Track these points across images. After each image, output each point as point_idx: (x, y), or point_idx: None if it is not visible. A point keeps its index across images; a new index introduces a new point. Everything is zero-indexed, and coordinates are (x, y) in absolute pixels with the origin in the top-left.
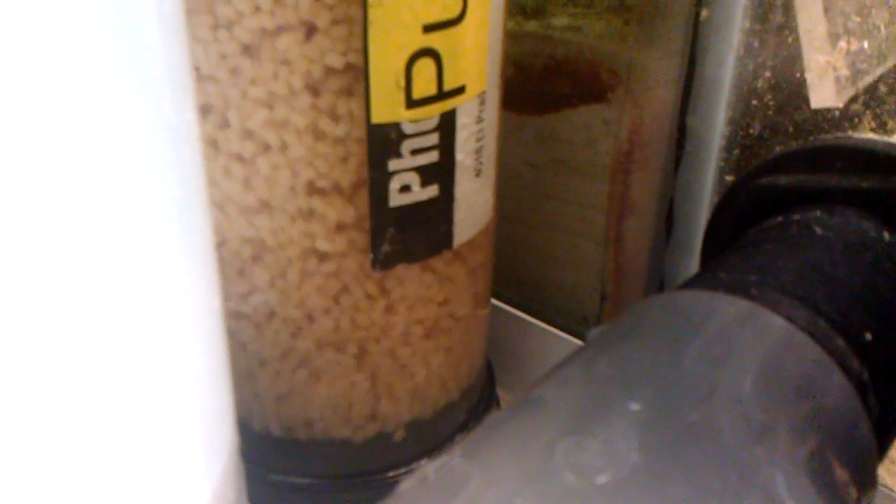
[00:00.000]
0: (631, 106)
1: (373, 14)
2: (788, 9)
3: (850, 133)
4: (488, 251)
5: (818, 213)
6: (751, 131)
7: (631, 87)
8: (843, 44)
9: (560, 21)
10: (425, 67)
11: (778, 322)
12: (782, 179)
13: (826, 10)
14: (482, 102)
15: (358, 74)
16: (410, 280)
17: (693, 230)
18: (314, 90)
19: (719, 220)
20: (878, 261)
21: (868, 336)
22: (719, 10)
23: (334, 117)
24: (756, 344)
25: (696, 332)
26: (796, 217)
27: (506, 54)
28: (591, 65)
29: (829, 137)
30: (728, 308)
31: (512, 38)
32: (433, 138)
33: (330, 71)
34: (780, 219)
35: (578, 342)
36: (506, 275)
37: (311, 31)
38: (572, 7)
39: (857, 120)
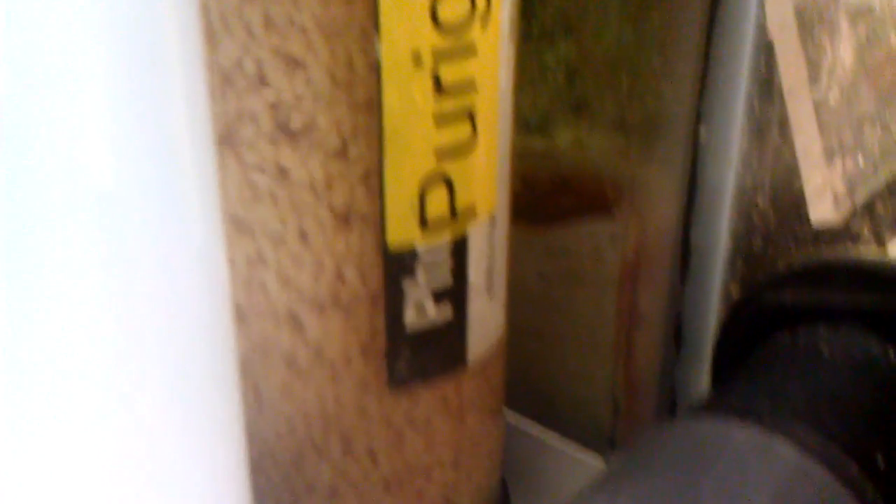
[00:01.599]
0: (636, 220)
1: (388, 142)
2: (784, 126)
3: (850, 248)
4: (500, 365)
5: (824, 331)
6: (753, 244)
7: (635, 202)
8: (838, 162)
9: (564, 137)
10: (438, 192)
11: (790, 452)
12: (787, 297)
13: (821, 129)
14: (493, 222)
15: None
16: (423, 397)
17: (702, 342)
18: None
19: (727, 336)
20: (884, 381)
21: (880, 459)
22: (718, 128)
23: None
24: (770, 475)
25: (712, 465)
26: (803, 335)
27: (513, 169)
28: (595, 180)
29: (830, 254)
30: (741, 437)
31: (518, 153)
32: (446, 260)
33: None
34: (787, 336)
35: (595, 458)
36: (519, 388)
37: (342, 150)
38: (575, 123)
39: (856, 233)
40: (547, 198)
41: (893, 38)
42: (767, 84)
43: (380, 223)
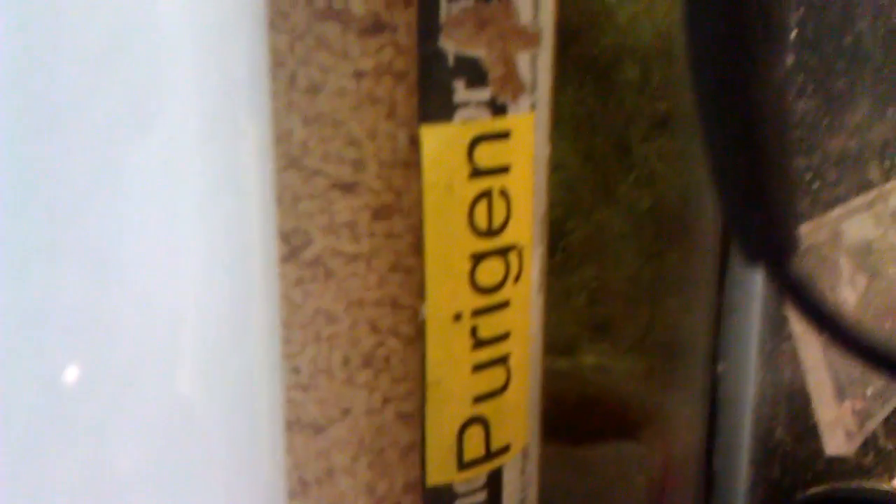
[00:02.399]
0: (661, 445)
1: (430, 392)
2: (797, 362)
3: (863, 482)
4: None
5: None
6: (772, 472)
7: (659, 427)
8: (848, 400)
9: (589, 360)
10: (475, 433)
11: None
12: None
13: (830, 370)
14: (525, 456)
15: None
16: None
17: None
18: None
19: None
20: None
21: None
22: (734, 363)
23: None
24: None
25: None
26: None
27: (542, 389)
28: (620, 403)
29: (846, 486)
30: None
31: (546, 374)
32: (482, 495)
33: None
34: None
35: None
36: None
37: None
38: (599, 345)
39: (868, 467)
40: (574, 418)
41: (892, 271)
42: (779, 322)
43: (420, 463)
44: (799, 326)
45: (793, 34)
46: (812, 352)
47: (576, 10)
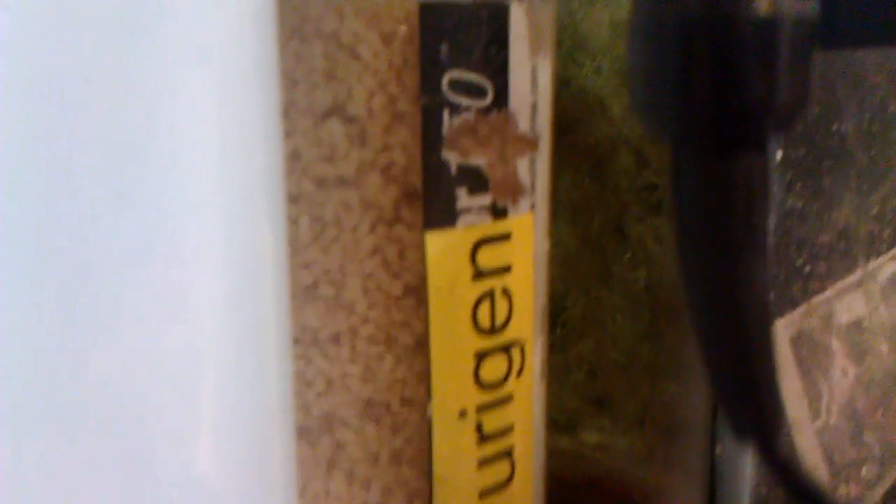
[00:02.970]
0: None
1: (437, 488)
2: (793, 447)
3: None
4: None
5: None
6: None
7: None
8: (843, 485)
9: (590, 437)
10: None
11: None
12: None
13: (825, 454)
14: None
15: None
16: None
17: None
18: None
19: None
20: None
21: None
22: (732, 446)
23: None
24: None
25: None
26: None
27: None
28: (621, 484)
29: None
30: None
31: (548, 452)
32: None
33: None
34: None
35: None
36: None
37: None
38: (599, 421)
39: None
40: (577, 498)
41: (884, 348)
42: None
43: None
44: (793, 412)
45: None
46: (806, 436)
47: (571, 102)
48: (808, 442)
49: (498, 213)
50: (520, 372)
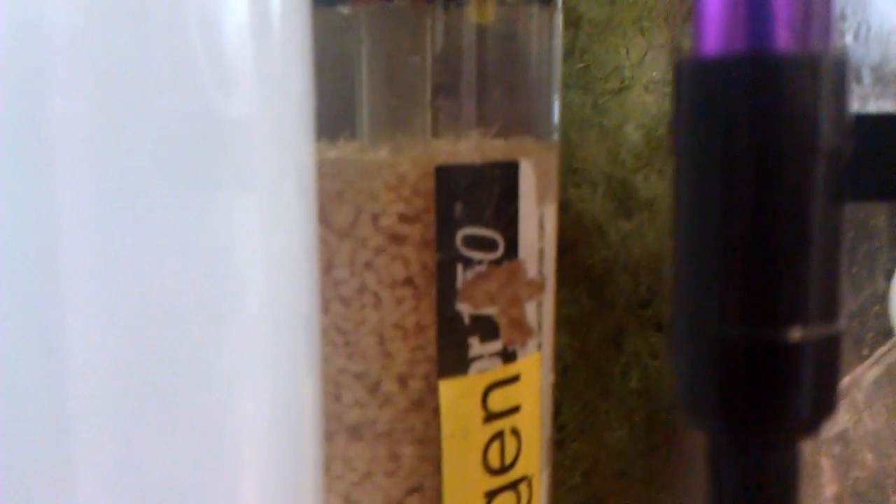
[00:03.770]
0: None
1: None
2: None
3: None
4: None
5: None
6: None
7: None
8: None
9: None
10: None
11: None
12: None
13: None
14: None
15: None
16: None
17: None
18: None
19: None
20: None
21: None
22: None
23: None
24: None
25: None
26: None
27: None
28: None
29: None
30: None
31: None
32: None
33: None
34: None
35: None
36: None
37: None
38: None
39: None
40: None
41: (869, 458)
42: None
43: None
44: None
45: None
46: None
47: (569, 225)
48: None
49: (508, 357)
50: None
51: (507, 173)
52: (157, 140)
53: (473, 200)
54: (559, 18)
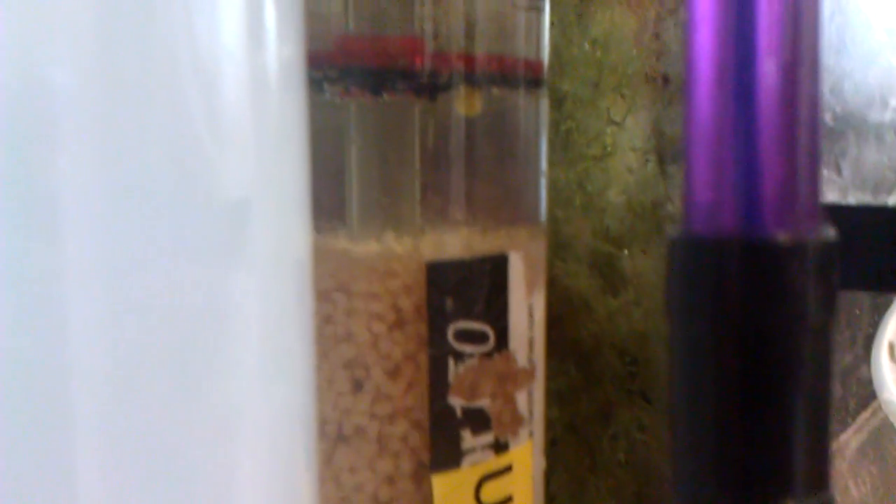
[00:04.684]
0: None
1: None
2: None
3: None
4: None
5: None
6: None
7: None
8: None
9: None
10: None
11: None
12: None
13: None
14: None
15: None
16: None
17: None
18: None
19: None
20: None
21: None
22: None
23: None
24: None
25: None
26: None
27: None
28: None
29: None
30: None
31: None
32: None
33: None
34: None
35: None
36: None
37: None
38: None
39: None
40: None
41: None
42: None
43: None
44: None
45: None
46: None
47: (556, 299)
48: None
49: (500, 447)
50: None
51: (497, 267)
52: (156, 216)
53: (464, 295)
54: (545, 102)
